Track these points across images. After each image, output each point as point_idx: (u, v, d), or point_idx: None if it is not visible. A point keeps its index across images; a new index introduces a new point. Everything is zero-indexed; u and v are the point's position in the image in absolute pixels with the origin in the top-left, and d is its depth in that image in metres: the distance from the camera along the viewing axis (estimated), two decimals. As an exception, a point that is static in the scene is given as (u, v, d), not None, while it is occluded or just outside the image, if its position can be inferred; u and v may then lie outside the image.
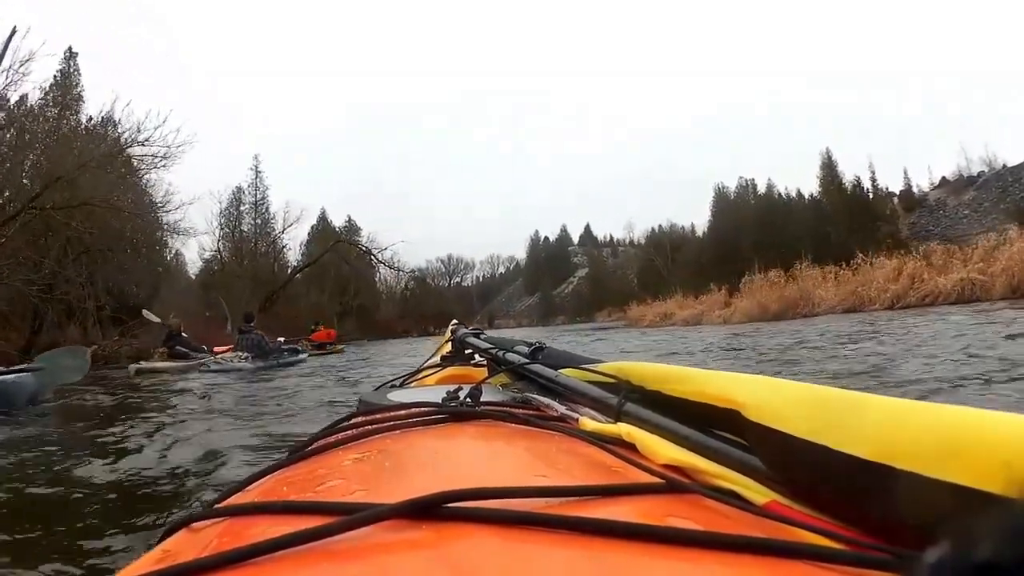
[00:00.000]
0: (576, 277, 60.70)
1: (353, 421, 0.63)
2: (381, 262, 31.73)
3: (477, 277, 68.62)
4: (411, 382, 1.26)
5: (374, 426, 0.55)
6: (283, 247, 32.31)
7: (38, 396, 4.55)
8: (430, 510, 0.28)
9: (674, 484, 0.36)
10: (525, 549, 0.27)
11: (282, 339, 10.18)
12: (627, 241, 62.99)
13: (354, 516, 0.27)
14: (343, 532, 0.26)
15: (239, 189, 31.96)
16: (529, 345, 0.93)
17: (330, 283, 31.47)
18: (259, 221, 31.92)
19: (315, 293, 29.97)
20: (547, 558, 0.26)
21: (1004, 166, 30.44)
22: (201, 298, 21.54)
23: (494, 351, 1.11)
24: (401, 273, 32.93)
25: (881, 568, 0.26)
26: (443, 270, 44.95)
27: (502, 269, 72.35)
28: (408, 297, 40.35)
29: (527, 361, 0.86)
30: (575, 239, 67.61)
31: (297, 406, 3.97)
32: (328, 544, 0.26)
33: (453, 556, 0.26)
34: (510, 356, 0.97)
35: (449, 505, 0.28)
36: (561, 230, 67.30)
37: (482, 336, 1.39)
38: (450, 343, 1.56)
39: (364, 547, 0.26)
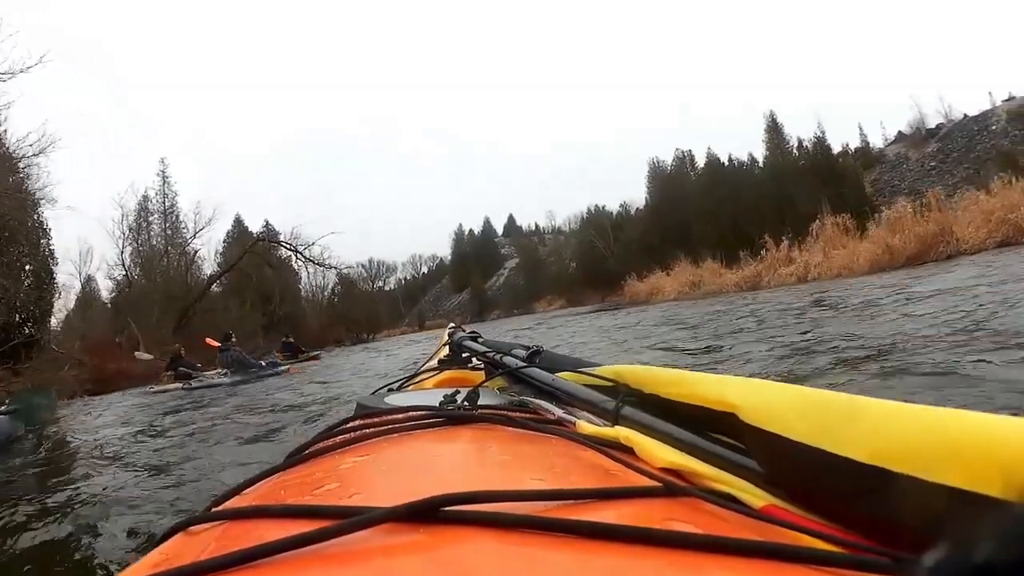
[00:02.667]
0: (506, 269, 58.24)
1: (350, 424, 0.63)
2: (309, 259, 27.16)
3: (401, 279, 66.04)
4: (408, 386, 1.25)
5: (371, 429, 0.55)
6: (195, 254, 28.19)
7: (13, 435, 4.82)
8: (427, 514, 0.28)
9: (671, 487, 0.36)
10: (522, 552, 0.26)
11: (262, 362, 10.60)
12: (551, 229, 61.14)
13: (351, 520, 0.27)
14: (340, 535, 0.26)
15: (145, 198, 27.75)
16: (526, 348, 0.93)
17: (252, 293, 28.06)
18: (169, 232, 27.86)
19: (236, 306, 26.41)
20: (545, 561, 0.26)
21: (965, 116, 29.98)
22: (113, 321, 20.28)
23: (491, 354, 1.11)
24: (335, 270, 28.47)
25: (879, 571, 0.26)
26: (365, 274, 42.59)
27: (425, 269, 69.41)
28: (336, 303, 37.27)
29: (524, 365, 0.86)
30: (499, 231, 64.58)
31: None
32: (325, 548, 0.26)
33: (450, 559, 0.26)
34: (507, 360, 0.97)
35: (446, 509, 0.28)
36: (484, 223, 63.62)
37: (479, 340, 1.39)
38: (447, 347, 1.56)
39: (361, 550, 0.26)
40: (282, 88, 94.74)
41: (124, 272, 25.29)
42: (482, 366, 1.24)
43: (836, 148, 31.54)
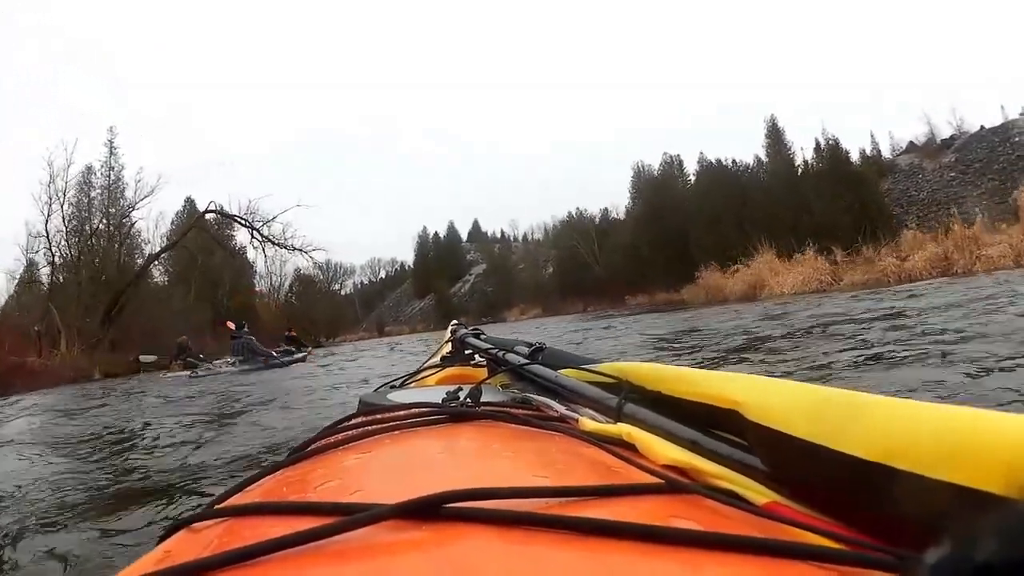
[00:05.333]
0: (472, 275, 54.25)
1: (353, 421, 0.63)
2: (267, 239, 22.02)
3: (358, 282, 62.12)
4: (411, 382, 1.26)
5: (374, 426, 0.55)
6: (131, 227, 22.78)
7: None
8: (430, 510, 0.28)
9: (674, 484, 0.36)
10: (525, 549, 0.26)
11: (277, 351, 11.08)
12: (515, 236, 58.98)
13: (354, 516, 0.27)
14: (343, 532, 0.27)
15: (89, 169, 22.19)
16: (529, 346, 0.93)
17: (197, 278, 24.07)
18: (112, 210, 22.44)
19: (180, 295, 22.91)
20: (547, 558, 0.26)
21: (982, 127, 29.69)
22: (31, 309, 17.66)
23: (494, 351, 1.11)
24: (301, 252, 22.67)
25: (882, 568, 0.26)
26: (321, 277, 38.25)
27: (383, 273, 65.63)
28: (292, 302, 33.98)
29: (527, 361, 0.86)
30: (463, 236, 59.82)
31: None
32: (328, 544, 0.26)
33: (453, 556, 0.26)
34: (510, 356, 0.97)
35: (449, 505, 0.28)
36: (449, 227, 58.80)
37: (482, 337, 1.39)
38: (450, 343, 1.57)
39: (364, 547, 0.26)
40: (265, 88, 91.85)
41: (48, 247, 20.46)
42: (485, 363, 1.24)
43: (863, 151, 31.14)
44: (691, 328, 7.02)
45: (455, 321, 1.89)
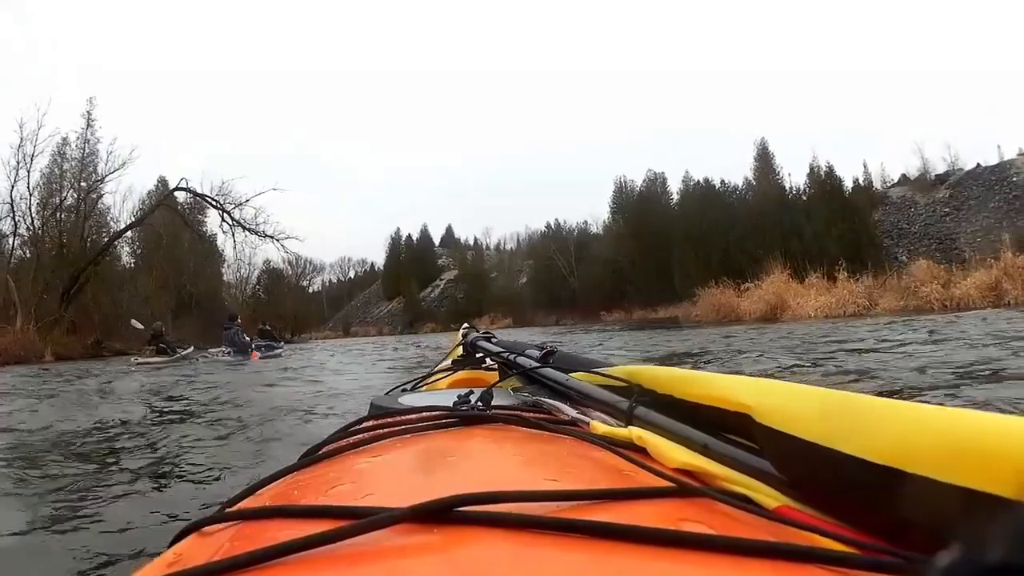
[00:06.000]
0: (443, 280, 53.43)
1: (365, 425, 0.64)
2: (238, 223, 20.63)
3: (327, 280, 60.24)
4: (422, 386, 1.26)
5: (386, 430, 0.56)
6: (98, 201, 21.31)
7: None
8: (442, 514, 0.28)
9: (685, 488, 0.36)
10: (537, 553, 0.26)
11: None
12: (488, 245, 58.16)
13: (366, 520, 0.27)
14: (355, 536, 0.27)
15: (64, 141, 20.87)
16: (540, 349, 0.94)
17: (161, 260, 22.40)
18: (83, 184, 21.02)
19: (143, 281, 21.62)
20: (558, 562, 0.26)
21: (979, 164, 29.83)
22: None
23: (505, 355, 1.11)
24: (273, 240, 21.07)
25: (893, 572, 0.25)
26: (290, 271, 36.29)
27: (352, 273, 64.50)
28: (260, 296, 32.48)
29: (538, 365, 0.87)
30: (436, 240, 58.90)
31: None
32: (340, 548, 0.26)
33: (465, 560, 0.26)
34: (521, 360, 0.97)
35: (461, 509, 0.28)
36: (422, 230, 57.55)
37: (493, 340, 1.39)
38: (461, 347, 1.57)
39: (376, 551, 0.26)
40: (241, 75, 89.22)
41: (12, 215, 19.32)
42: (496, 366, 1.24)
43: (858, 179, 31.04)
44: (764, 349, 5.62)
45: (466, 324, 1.90)
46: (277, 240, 21.61)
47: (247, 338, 11.03)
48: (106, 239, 21.61)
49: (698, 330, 11.48)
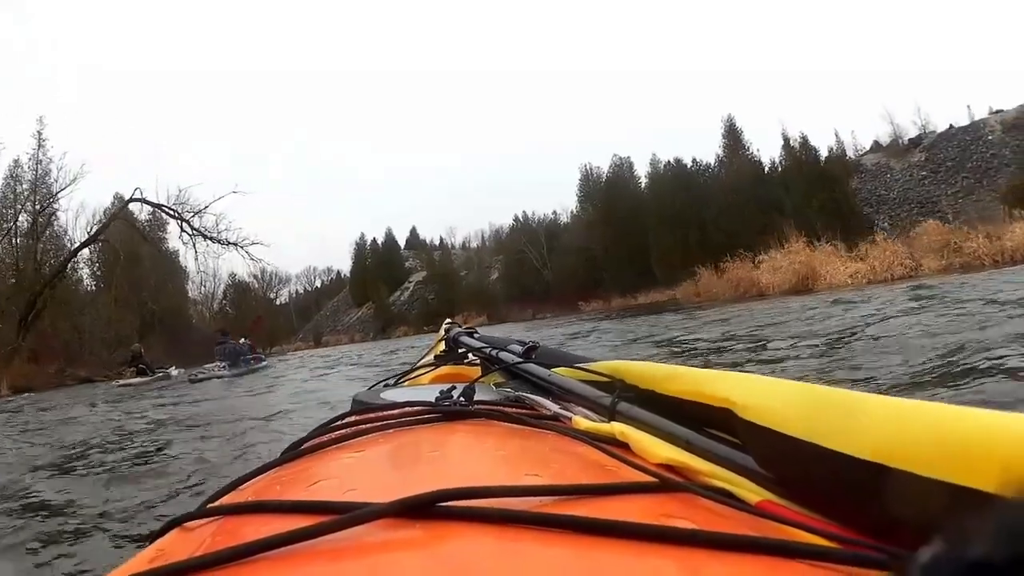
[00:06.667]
0: (412, 283, 52.73)
1: (347, 420, 0.63)
2: (198, 232, 19.90)
3: (293, 291, 60.45)
4: (404, 381, 1.26)
5: (368, 425, 0.55)
6: (50, 219, 20.58)
7: None
8: (423, 509, 0.28)
9: (667, 483, 0.36)
10: (518, 548, 0.26)
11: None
12: (452, 244, 57.87)
13: (347, 515, 0.27)
14: (336, 531, 0.26)
15: (16, 163, 20.63)
16: (523, 344, 0.94)
17: (119, 277, 21.27)
18: (38, 206, 20.54)
19: (105, 302, 20.82)
20: (540, 557, 0.26)
21: (951, 126, 29.72)
22: None
23: (487, 350, 1.11)
24: (237, 248, 20.05)
25: (875, 567, 0.26)
26: (256, 284, 36.32)
27: (319, 283, 63.75)
28: (227, 311, 31.52)
29: (521, 360, 0.86)
30: (401, 243, 58.11)
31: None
32: (321, 543, 0.26)
33: (446, 555, 0.26)
34: (504, 355, 0.97)
35: (442, 504, 0.28)
36: (387, 234, 56.51)
37: (476, 335, 1.40)
38: (444, 342, 1.57)
39: (357, 546, 0.26)
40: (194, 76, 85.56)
41: None
42: (478, 362, 1.25)
43: (830, 148, 30.80)
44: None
45: (448, 320, 1.89)
46: (241, 247, 20.68)
47: (244, 346, 11.07)
48: (58, 257, 20.77)
49: (721, 310, 9.89)
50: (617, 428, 0.50)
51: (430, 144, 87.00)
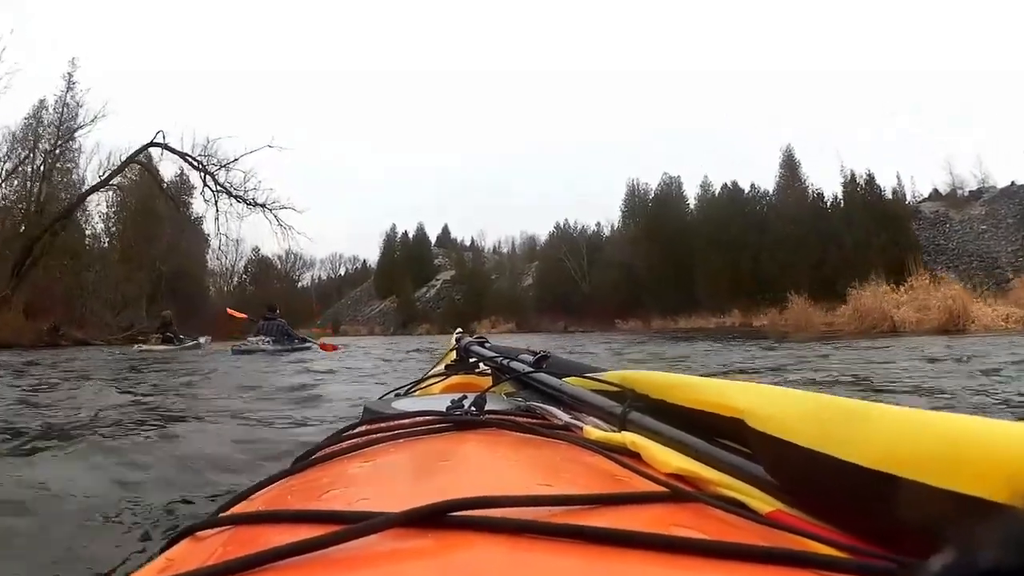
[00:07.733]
0: (439, 280, 50.62)
1: (358, 430, 0.63)
2: (221, 188, 16.68)
3: (316, 277, 57.89)
4: (415, 391, 1.26)
5: (379, 435, 0.55)
6: (58, 158, 18.01)
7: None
8: (435, 519, 0.28)
9: (678, 493, 0.36)
10: (530, 558, 0.26)
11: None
12: (485, 247, 55.82)
13: (359, 525, 0.27)
14: (348, 541, 0.26)
15: (41, 104, 18.16)
16: (534, 354, 0.93)
17: (129, 229, 19.23)
18: (57, 151, 18.01)
19: (114, 264, 18.66)
20: (552, 567, 0.26)
21: (1013, 183, 29.21)
22: None
23: (499, 360, 1.11)
24: (264, 209, 16.89)
25: None
26: (279, 263, 35.27)
27: (343, 270, 61.29)
28: (247, 286, 29.74)
29: (531, 370, 0.86)
30: (432, 240, 55.45)
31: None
32: (332, 553, 0.26)
33: (458, 565, 0.26)
34: (514, 365, 0.97)
35: (454, 514, 0.28)
36: (418, 228, 53.85)
37: (487, 345, 1.40)
38: (455, 351, 1.57)
39: (368, 556, 0.26)
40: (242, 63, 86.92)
41: None
42: (489, 371, 1.25)
43: (897, 189, 30.07)
44: None
45: (459, 329, 1.90)
46: (269, 209, 17.17)
47: (289, 329, 10.44)
48: (67, 206, 18.08)
49: (852, 344, 7.18)
50: (628, 438, 0.50)
51: (430, 144, 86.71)
